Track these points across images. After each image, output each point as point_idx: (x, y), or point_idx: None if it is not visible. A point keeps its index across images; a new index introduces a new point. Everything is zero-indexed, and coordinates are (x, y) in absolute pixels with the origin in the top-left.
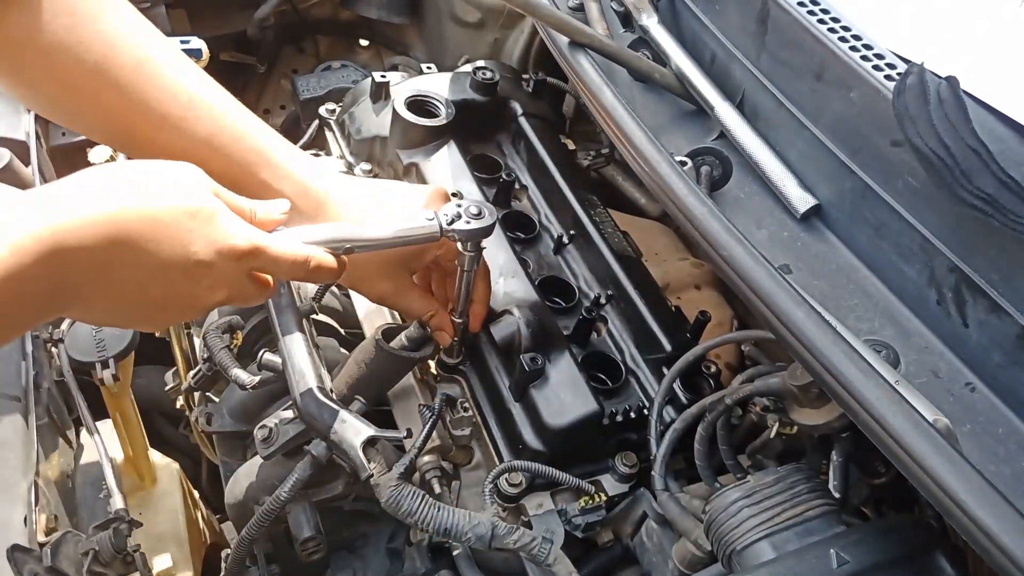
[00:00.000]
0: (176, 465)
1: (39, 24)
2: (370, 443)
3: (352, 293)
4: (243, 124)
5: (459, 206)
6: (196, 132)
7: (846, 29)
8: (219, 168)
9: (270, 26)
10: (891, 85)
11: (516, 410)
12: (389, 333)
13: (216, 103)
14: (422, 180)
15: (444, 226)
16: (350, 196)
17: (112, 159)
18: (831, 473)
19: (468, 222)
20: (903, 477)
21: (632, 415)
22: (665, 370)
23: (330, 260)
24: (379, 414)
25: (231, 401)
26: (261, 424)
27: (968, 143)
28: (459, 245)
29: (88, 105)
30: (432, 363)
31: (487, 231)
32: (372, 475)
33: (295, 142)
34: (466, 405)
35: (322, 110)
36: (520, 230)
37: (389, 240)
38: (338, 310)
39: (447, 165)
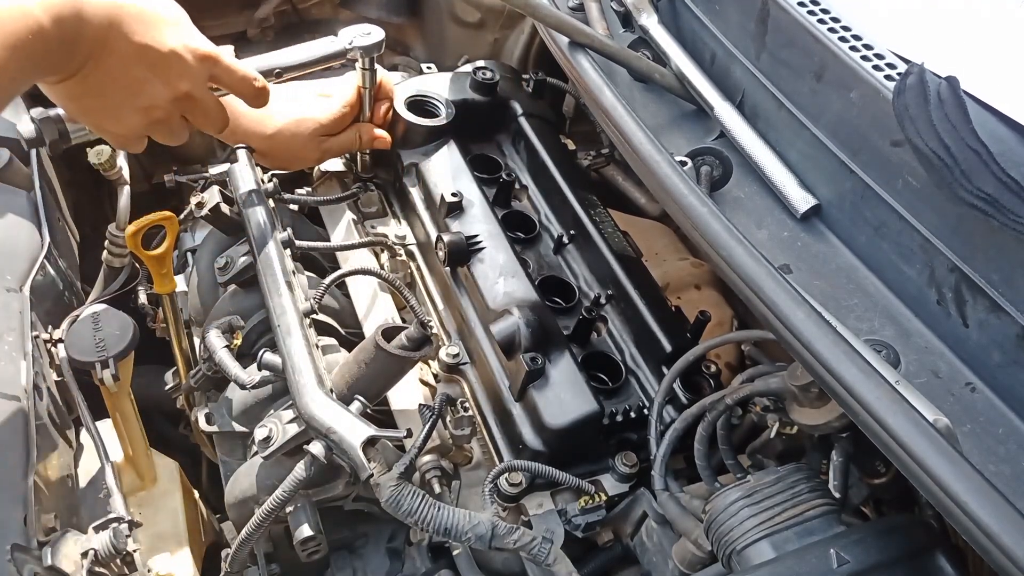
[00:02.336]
0: (176, 465)
1: None
2: (370, 443)
3: (352, 293)
4: None
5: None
6: None
7: (846, 29)
8: None
9: (270, 26)
10: (891, 85)
11: (516, 410)
12: (389, 333)
13: None
14: (422, 180)
15: (346, 46)
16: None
17: (112, 157)
18: (831, 473)
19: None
20: (903, 477)
21: (632, 415)
22: (665, 370)
23: (267, 85)
24: (379, 414)
25: (231, 401)
26: (261, 424)
27: (968, 143)
28: (358, 64)
29: None
30: (432, 363)
31: (378, 45)
32: (372, 475)
33: None
34: (466, 405)
35: None
36: (520, 230)
37: (308, 61)
38: (338, 310)
39: (447, 165)
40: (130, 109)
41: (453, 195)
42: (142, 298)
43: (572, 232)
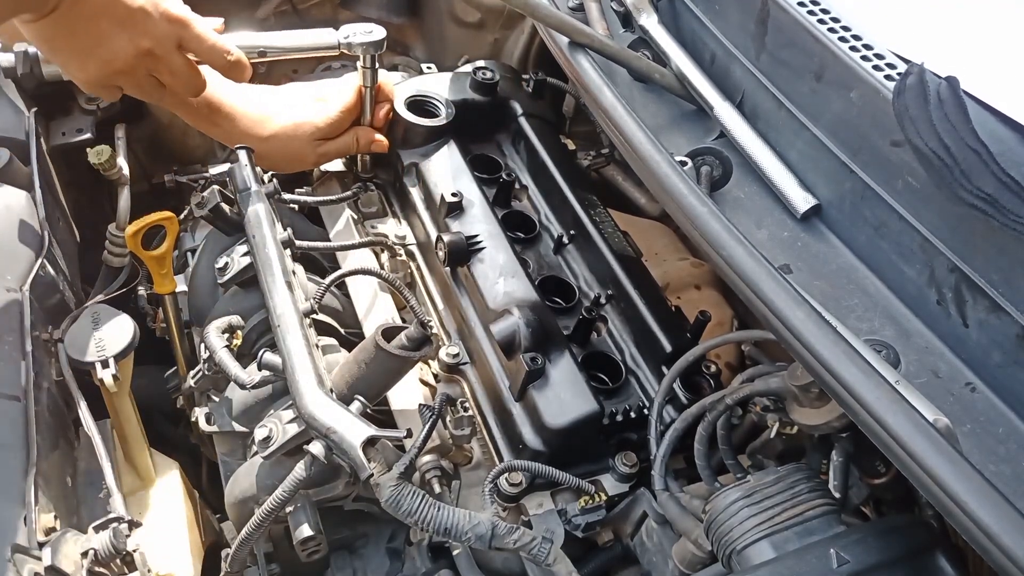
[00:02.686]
0: (176, 465)
1: None
2: (370, 443)
3: (352, 293)
4: None
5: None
6: None
7: (846, 29)
8: None
9: (270, 26)
10: (891, 85)
11: (516, 410)
12: (389, 333)
13: None
14: (422, 180)
15: (341, 40)
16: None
17: (112, 158)
18: (831, 473)
19: (357, 37)
20: (903, 477)
21: (632, 415)
22: (665, 370)
23: (245, 60)
24: (379, 414)
25: (231, 401)
26: (261, 424)
27: (968, 143)
28: (359, 62)
29: None
30: (432, 363)
31: (380, 43)
32: (372, 475)
33: None
34: (466, 405)
35: None
36: (520, 230)
37: (296, 47)
38: (338, 310)
39: (447, 165)
40: (94, 57)
41: (453, 195)
42: (142, 298)
43: (572, 232)
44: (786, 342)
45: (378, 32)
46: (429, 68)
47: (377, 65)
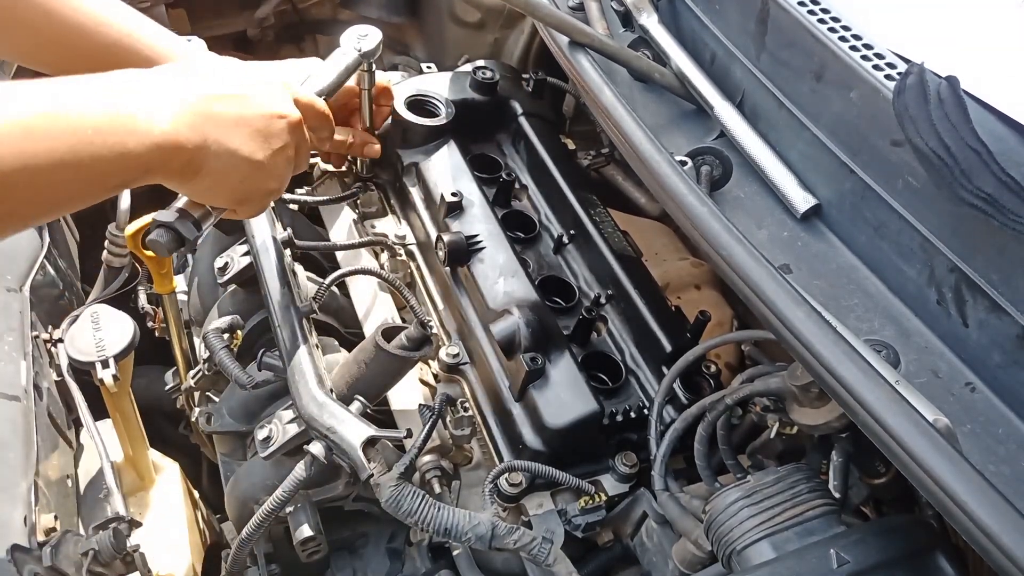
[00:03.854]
0: (176, 465)
1: None
2: (370, 443)
3: (352, 293)
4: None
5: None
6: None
7: (846, 29)
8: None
9: (270, 26)
10: (891, 85)
11: (516, 410)
12: (389, 333)
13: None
14: (422, 180)
15: (356, 55)
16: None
17: None
18: (831, 473)
19: (365, 43)
20: (903, 477)
21: (632, 415)
22: (665, 370)
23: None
24: (379, 414)
25: (231, 401)
26: (261, 424)
27: (968, 143)
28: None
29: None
30: (432, 363)
31: (377, 48)
32: (372, 475)
33: None
34: (466, 405)
35: None
36: (520, 230)
37: (345, 73)
38: (338, 310)
39: (447, 165)
40: (257, 189)
41: (453, 195)
42: (142, 298)
43: (572, 232)
44: (786, 342)
45: (373, 36)
46: (429, 68)
47: (374, 68)
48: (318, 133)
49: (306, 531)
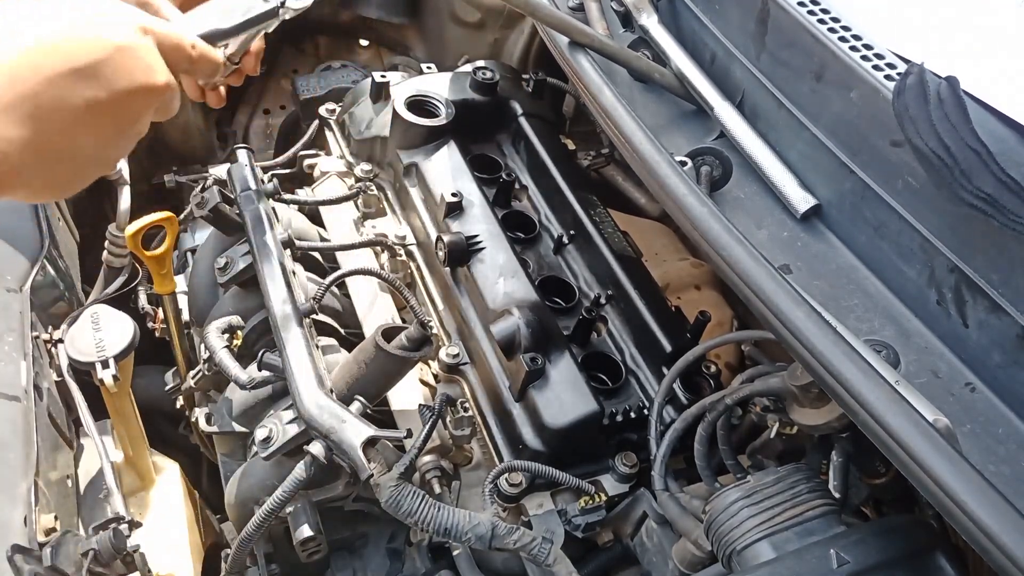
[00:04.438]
0: (176, 465)
1: None
2: (370, 443)
3: (352, 293)
4: None
5: None
6: None
7: (846, 29)
8: None
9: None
10: (891, 85)
11: (516, 410)
12: (389, 333)
13: None
14: (422, 180)
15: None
16: None
17: None
18: (831, 473)
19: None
20: (903, 477)
21: (632, 415)
22: (665, 370)
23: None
24: (379, 414)
25: (231, 401)
26: (261, 424)
27: (968, 143)
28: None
29: None
30: (432, 363)
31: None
32: (372, 475)
33: (295, 142)
34: (466, 405)
35: (322, 110)
36: (520, 230)
37: (241, 23)
38: (338, 310)
39: (447, 165)
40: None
41: (453, 195)
42: (142, 298)
43: (572, 232)
44: (786, 342)
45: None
46: (429, 68)
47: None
48: (196, 77)
49: (306, 531)
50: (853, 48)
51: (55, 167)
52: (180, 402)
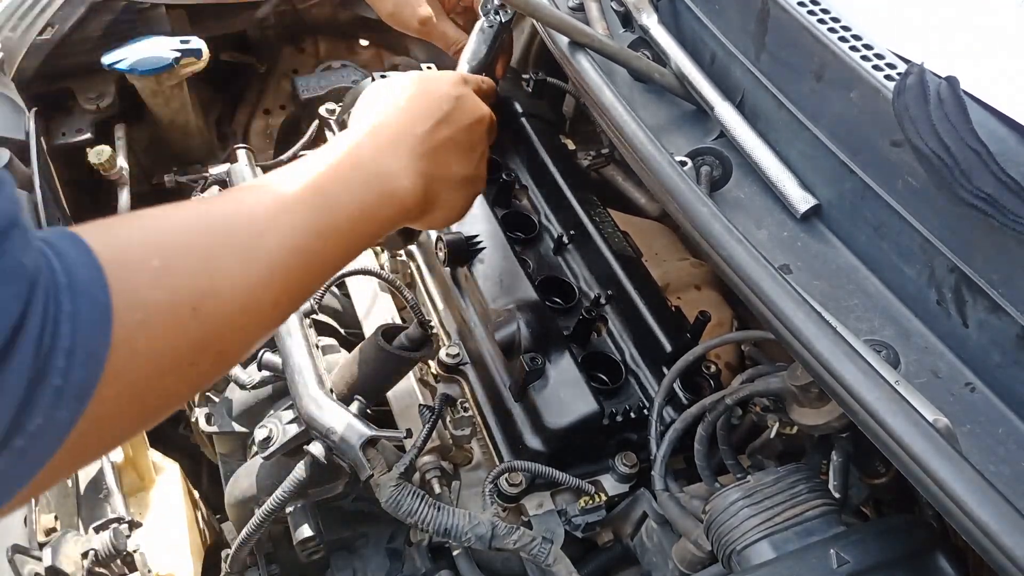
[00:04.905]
0: (176, 465)
1: None
2: (370, 443)
3: (352, 293)
4: None
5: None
6: None
7: (846, 29)
8: None
9: (270, 26)
10: (891, 85)
11: (516, 410)
12: (389, 333)
13: None
14: None
15: (503, 21)
16: None
17: (112, 158)
18: (831, 473)
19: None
20: (903, 477)
21: (632, 415)
22: (665, 370)
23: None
24: (379, 414)
25: (231, 401)
26: (261, 424)
27: (968, 143)
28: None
29: None
30: (432, 363)
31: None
32: (372, 475)
33: (295, 142)
34: (466, 405)
35: (322, 110)
36: (520, 230)
37: (490, 50)
38: (338, 310)
39: None
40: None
41: None
42: None
43: (572, 232)
44: (786, 342)
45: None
46: (429, 68)
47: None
48: (488, 102)
49: (306, 531)
50: (853, 48)
51: (444, 195)
52: None
